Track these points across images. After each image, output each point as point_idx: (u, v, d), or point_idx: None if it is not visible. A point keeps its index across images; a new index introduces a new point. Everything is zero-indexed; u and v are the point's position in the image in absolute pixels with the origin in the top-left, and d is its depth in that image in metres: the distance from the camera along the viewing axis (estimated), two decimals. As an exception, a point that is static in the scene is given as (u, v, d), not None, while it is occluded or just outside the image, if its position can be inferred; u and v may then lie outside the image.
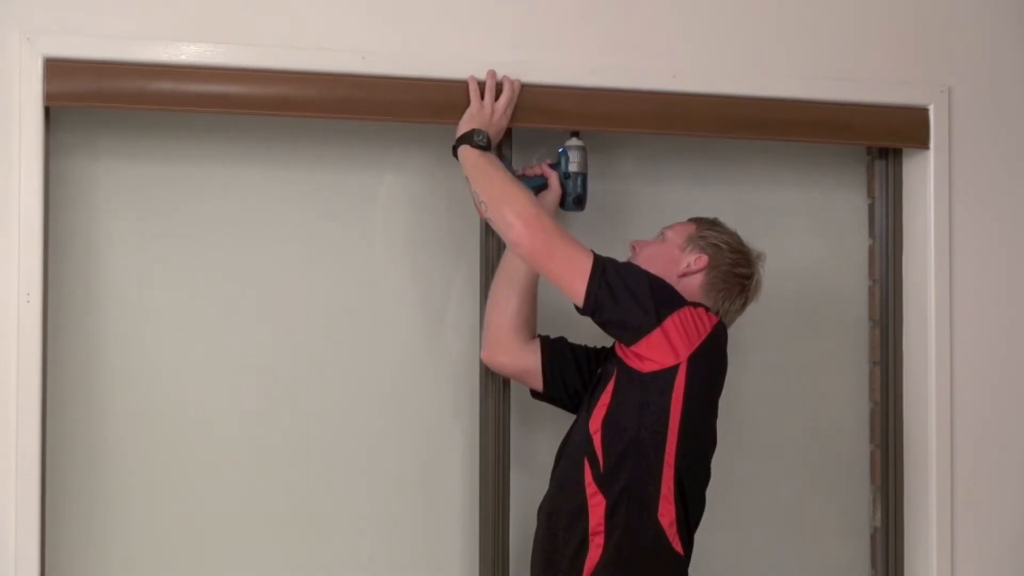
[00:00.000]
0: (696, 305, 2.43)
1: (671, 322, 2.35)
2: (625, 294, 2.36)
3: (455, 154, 2.57)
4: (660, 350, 2.35)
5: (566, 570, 2.40)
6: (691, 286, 2.52)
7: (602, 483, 2.37)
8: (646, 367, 2.36)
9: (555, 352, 2.65)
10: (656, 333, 2.35)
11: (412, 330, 2.82)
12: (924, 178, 3.00)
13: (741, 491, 2.99)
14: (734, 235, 2.61)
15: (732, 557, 2.98)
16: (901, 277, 3.05)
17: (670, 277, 2.50)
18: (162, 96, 2.53)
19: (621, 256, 2.53)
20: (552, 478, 2.55)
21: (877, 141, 3.02)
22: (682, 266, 2.54)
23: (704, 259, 2.54)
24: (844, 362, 3.11)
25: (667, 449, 2.35)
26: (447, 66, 2.67)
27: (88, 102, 2.52)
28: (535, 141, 2.84)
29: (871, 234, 3.10)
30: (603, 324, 2.41)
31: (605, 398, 2.42)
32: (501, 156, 2.69)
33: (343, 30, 2.65)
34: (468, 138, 2.55)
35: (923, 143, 2.98)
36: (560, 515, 2.45)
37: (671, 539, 2.37)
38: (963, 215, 3.01)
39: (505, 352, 2.66)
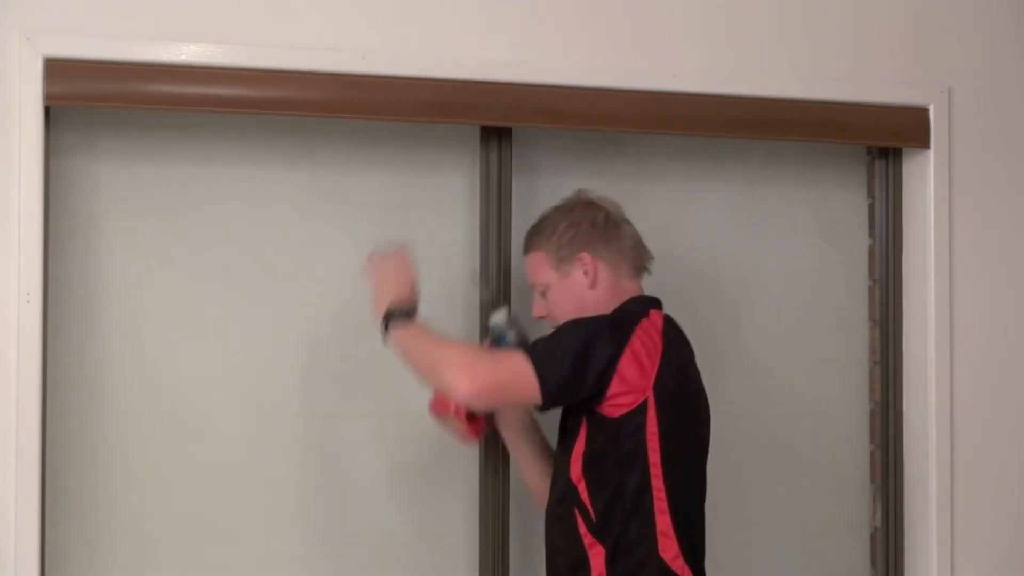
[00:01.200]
0: (636, 317, 2.36)
1: (625, 363, 2.28)
2: (572, 373, 2.28)
3: (386, 343, 2.44)
4: (623, 395, 2.29)
5: None
6: (607, 284, 2.46)
7: (597, 533, 2.32)
8: (615, 412, 2.30)
9: None
10: (615, 383, 2.28)
11: (412, 330, 2.82)
12: (924, 178, 3.00)
13: (741, 491, 2.99)
14: (559, 211, 2.52)
15: (732, 557, 2.97)
16: (901, 277, 3.05)
17: (584, 305, 2.43)
18: (162, 96, 2.53)
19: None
20: (552, 486, 2.48)
21: (877, 141, 3.02)
22: (585, 284, 2.45)
23: (586, 256, 2.45)
24: (844, 362, 3.11)
25: (654, 485, 2.30)
26: (447, 66, 2.67)
27: (88, 102, 2.52)
28: (536, 141, 2.84)
29: (871, 234, 3.10)
30: (571, 406, 2.37)
31: (579, 447, 2.35)
32: (500, 161, 2.70)
33: (343, 30, 2.65)
34: (389, 320, 2.41)
35: (923, 143, 2.98)
36: (563, 563, 2.40)
37: (678, 571, 2.32)
38: (963, 215, 3.00)
39: None
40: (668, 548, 2.31)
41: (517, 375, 2.30)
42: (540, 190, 2.87)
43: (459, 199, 2.82)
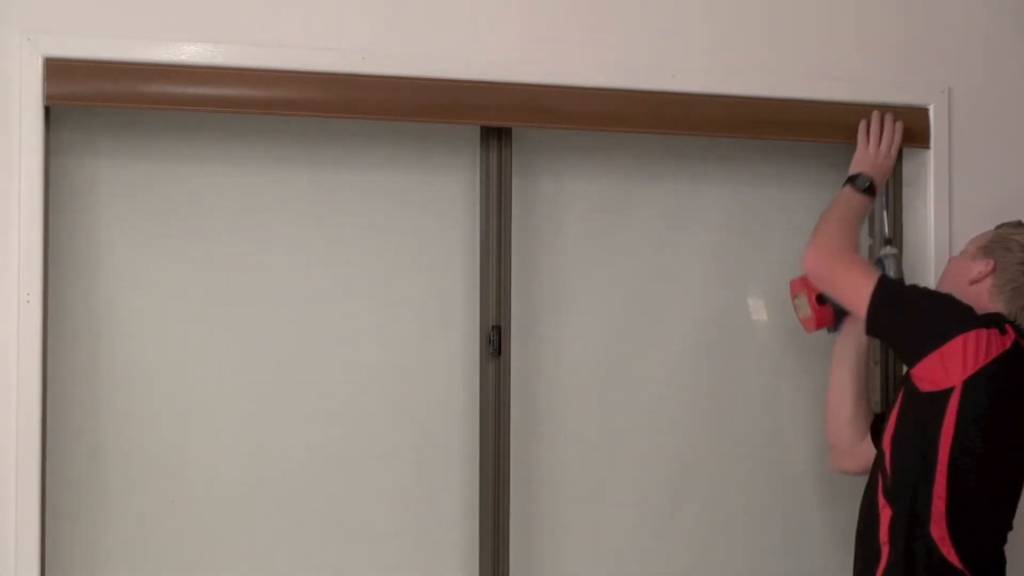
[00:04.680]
0: (991, 325, 2.41)
1: (953, 344, 2.36)
2: (902, 317, 2.44)
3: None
4: (935, 371, 2.38)
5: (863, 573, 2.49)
6: (980, 293, 2.54)
7: (888, 496, 2.44)
8: (923, 387, 2.40)
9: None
10: (933, 355, 2.38)
11: (411, 330, 2.82)
12: (924, 178, 3.01)
13: (741, 491, 2.99)
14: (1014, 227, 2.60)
15: (731, 557, 2.98)
16: (901, 277, 3.05)
17: (960, 287, 2.55)
18: (162, 96, 2.54)
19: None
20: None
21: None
22: (972, 274, 2.56)
23: (991, 263, 2.55)
24: (844, 362, 3.10)
25: (938, 470, 2.37)
26: (447, 66, 2.67)
27: (88, 102, 2.52)
28: (536, 141, 2.84)
29: (870, 234, 3.09)
30: (888, 346, 2.51)
31: (893, 416, 2.48)
32: (500, 161, 2.69)
33: (343, 30, 2.65)
34: (852, 180, 2.74)
35: (923, 143, 2.98)
36: (861, 523, 2.52)
37: (945, 553, 2.37)
38: (963, 215, 3.00)
39: (849, 457, 2.78)
40: (938, 527, 2.37)
41: (855, 280, 2.53)
42: (540, 190, 2.88)
43: (459, 199, 2.82)
